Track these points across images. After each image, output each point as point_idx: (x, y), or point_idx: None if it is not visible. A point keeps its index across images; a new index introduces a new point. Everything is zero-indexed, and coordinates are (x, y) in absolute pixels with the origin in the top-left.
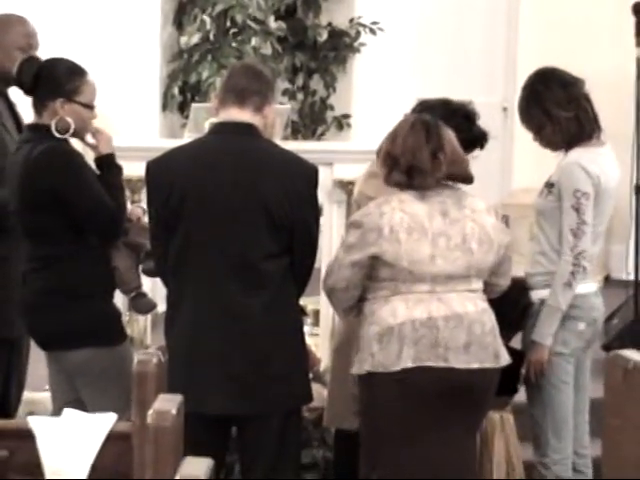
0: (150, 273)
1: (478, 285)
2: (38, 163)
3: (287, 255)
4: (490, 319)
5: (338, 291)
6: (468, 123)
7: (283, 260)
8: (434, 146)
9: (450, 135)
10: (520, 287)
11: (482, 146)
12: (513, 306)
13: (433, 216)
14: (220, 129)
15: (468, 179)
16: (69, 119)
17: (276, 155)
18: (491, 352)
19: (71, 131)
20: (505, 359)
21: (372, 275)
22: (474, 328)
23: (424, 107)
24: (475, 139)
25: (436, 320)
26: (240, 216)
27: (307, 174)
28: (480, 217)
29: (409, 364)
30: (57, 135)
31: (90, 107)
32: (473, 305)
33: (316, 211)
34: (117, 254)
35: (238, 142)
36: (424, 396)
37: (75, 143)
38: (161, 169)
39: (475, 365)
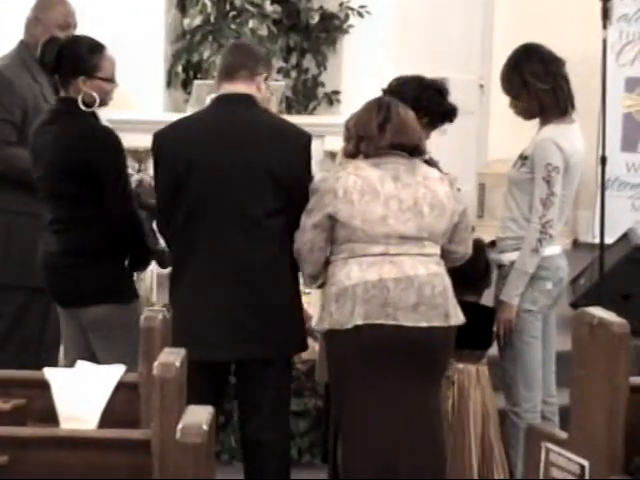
0: None
1: (432, 250)
2: (80, 137)
3: (285, 213)
4: (442, 282)
5: (304, 253)
6: (440, 97)
7: (283, 218)
8: (382, 118)
9: (403, 110)
10: (474, 247)
11: (451, 120)
12: (472, 264)
13: (385, 180)
14: (220, 101)
15: (417, 150)
16: (94, 93)
17: (274, 122)
18: (441, 312)
19: (97, 104)
20: (457, 319)
21: (333, 237)
22: (424, 290)
23: (399, 82)
24: (446, 112)
25: (386, 282)
26: (243, 178)
27: (302, 140)
28: (432, 184)
29: (360, 321)
30: (84, 108)
31: (111, 80)
32: (425, 268)
33: (309, 174)
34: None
35: (237, 111)
36: (375, 351)
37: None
38: (167, 138)
39: (423, 324)
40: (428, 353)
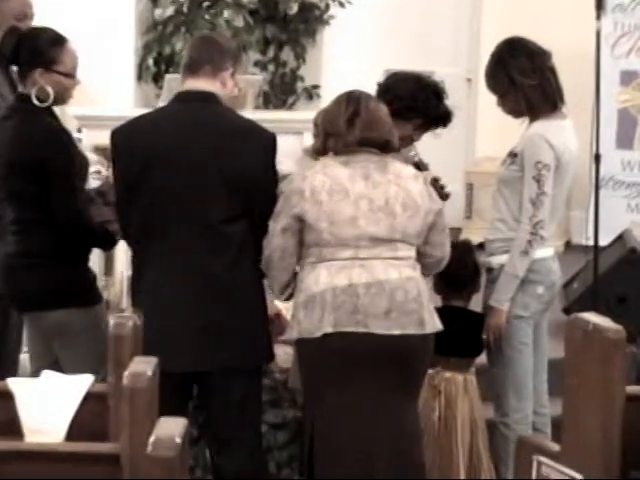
0: None
1: (406, 253)
2: (30, 136)
3: (247, 218)
4: (415, 287)
5: (275, 260)
6: (437, 100)
7: (243, 223)
8: (351, 112)
9: (374, 104)
10: (462, 248)
11: (445, 125)
12: (460, 266)
13: (355, 179)
14: (181, 98)
15: (388, 145)
16: (49, 88)
17: (235, 122)
18: (415, 319)
19: (50, 100)
20: (433, 326)
21: (302, 241)
22: (396, 295)
23: (396, 79)
24: (440, 117)
25: (356, 287)
26: (200, 180)
27: (264, 141)
28: (405, 183)
29: (329, 329)
30: (37, 104)
31: (71, 76)
32: (397, 272)
33: (274, 177)
34: (95, 209)
35: (198, 109)
36: (346, 360)
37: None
38: (123, 136)
39: (396, 331)
40: (403, 363)
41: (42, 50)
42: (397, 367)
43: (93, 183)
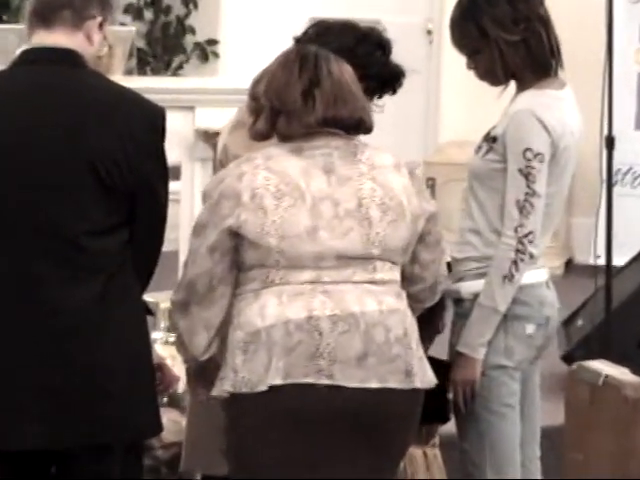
0: None
1: (387, 274)
2: None
3: (125, 230)
4: (401, 323)
5: (201, 291)
6: (382, 55)
7: (119, 236)
8: (307, 81)
9: (337, 66)
10: None
11: (395, 89)
12: None
13: (312, 174)
14: (28, 58)
15: (362, 126)
16: None
17: (108, 93)
18: (400, 367)
19: None
20: (424, 379)
21: (239, 262)
22: (374, 334)
23: (321, 28)
24: (386, 79)
25: (318, 321)
26: (56, 175)
27: (150, 118)
28: (384, 176)
29: (278, 381)
30: None
31: None
32: (376, 302)
33: (163, 167)
34: None
35: (53, 75)
36: (301, 425)
37: None
38: None
39: (373, 384)
40: (381, 428)
41: None
42: (372, 434)
43: None
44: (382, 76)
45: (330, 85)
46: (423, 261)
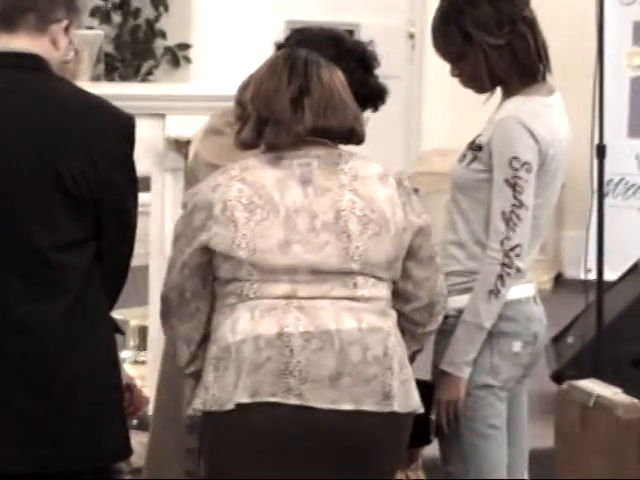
0: None
1: (370, 291)
2: None
3: (93, 244)
4: (381, 343)
5: (174, 303)
6: (364, 73)
7: (87, 251)
8: (297, 88)
9: (330, 74)
10: None
11: (376, 106)
12: None
13: (287, 185)
14: None
15: (353, 136)
16: None
17: (74, 100)
18: (376, 389)
19: None
20: (407, 404)
21: (215, 276)
22: (350, 353)
23: (303, 37)
24: (369, 96)
25: (290, 338)
26: (21, 187)
27: (119, 126)
28: (366, 187)
29: (244, 399)
30: None
31: None
32: (355, 319)
33: (132, 178)
34: None
35: (16, 81)
36: (267, 447)
37: None
38: None
39: (346, 406)
40: (355, 451)
41: None
42: (346, 458)
43: None
44: (361, 95)
45: (320, 93)
46: (416, 278)
